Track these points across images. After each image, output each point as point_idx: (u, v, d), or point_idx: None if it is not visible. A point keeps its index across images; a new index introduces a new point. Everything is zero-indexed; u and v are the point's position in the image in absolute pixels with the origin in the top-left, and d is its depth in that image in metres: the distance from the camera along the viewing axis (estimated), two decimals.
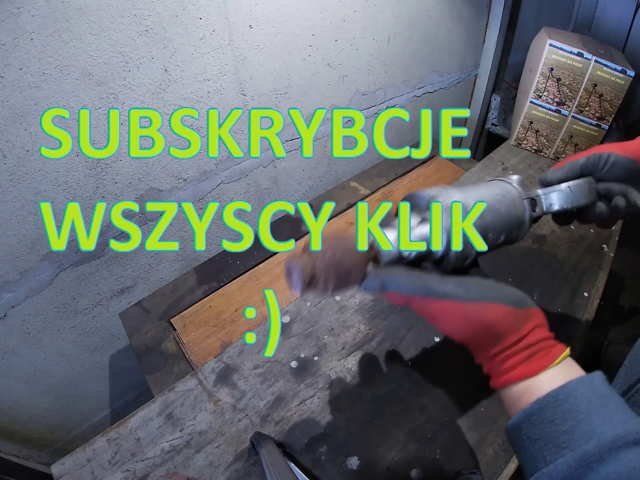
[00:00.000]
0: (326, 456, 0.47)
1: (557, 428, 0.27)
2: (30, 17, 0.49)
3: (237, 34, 0.68)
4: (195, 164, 0.77)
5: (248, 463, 0.47)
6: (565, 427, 0.27)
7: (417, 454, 0.48)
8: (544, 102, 0.95)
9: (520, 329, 0.31)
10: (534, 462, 0.28)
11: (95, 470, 0.46)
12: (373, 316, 0.61)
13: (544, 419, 0.28)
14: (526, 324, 0.31)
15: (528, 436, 0.29)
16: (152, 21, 0.59)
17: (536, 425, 0.28)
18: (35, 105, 0.55)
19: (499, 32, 1.15)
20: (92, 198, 0.67)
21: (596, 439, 0.25)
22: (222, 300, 0.74)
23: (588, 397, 0.28)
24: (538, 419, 0.28)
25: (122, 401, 0.99)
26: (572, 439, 0.26)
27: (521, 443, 0.30)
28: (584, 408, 0.27)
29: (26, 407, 0.79)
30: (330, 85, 0.89)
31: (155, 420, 0.50)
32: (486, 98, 1.30)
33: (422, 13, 0.96)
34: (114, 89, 0.60)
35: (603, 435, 0.25)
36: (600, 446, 0.25)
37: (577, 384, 0.29)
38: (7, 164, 0.56)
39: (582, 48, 0.88)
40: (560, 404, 0.28)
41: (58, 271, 0.69)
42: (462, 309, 0.31)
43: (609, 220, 0.45)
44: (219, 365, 0.56)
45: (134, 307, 0.74)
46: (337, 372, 0.55)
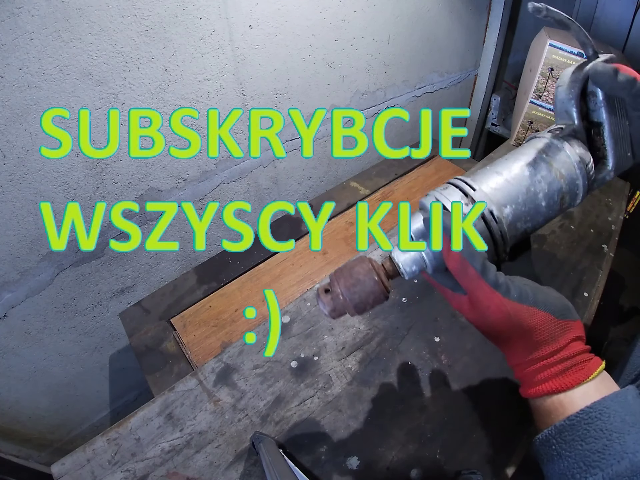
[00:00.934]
0: (326, 456, 0.47)
1: (589, 446, 0.27)
2: (30, 17, 0.49)
3: (237, 34, 0.68)
4: (195, 164, 0.77)
5: (248, 463, 0.47)
6: (597, 446, 0.27)
7: (417, 454, 0.47)
8: (544, 102, 0.95)
9: (558, 340, 0.30)
10: (563, 479, 0.28)
11: (95, 470, 0.46)
12: (373, 316, 0.61)
13: (575, 436, 0.28)
14: (564, 336, 0.31)
15: (558, 452, 0.29)
16: (152, 21, 0.59)
17: (567, 442, 0.28)
18: (35, 105, 0.55)
19: (499, 32, 1.15)
20: (92, 198, 0.67)
21: (628, 460, 0.25)
22: (222, 300, 0.74)
23: (621, 416, 0.27)
24: (570, 436, 0.28)
25: (122, 401, 0.99)
26: (603, 459, 0.26)
27: (549, 457, 0.29)
28: (617, 427, 0.27)
29: (26, 407, 0.79)
30: (330, 85, 0.89)
31: (155, 420, 0.50)
32: (486, 98, 1.30)
33: (422, 13, 0.96)
34: (114, 89, 0.60)
35: (636, 456, 0.25)
36: (632, 467, 0.25)
37: (611, 402, 0.28)
38: (7, 164, 0.56)
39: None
40: (594, 421, 0.27)
41: (58, 271, 0.69)
42: (508, 306, 0.30)
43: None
44: (219, 365, 0.56)
45: (134, 307, 0.74)
46: (337, 372, 0.55)
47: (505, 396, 0.52)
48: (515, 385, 0.53)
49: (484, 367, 0.54)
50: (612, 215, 0.80)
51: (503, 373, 0.54)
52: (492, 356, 0.55)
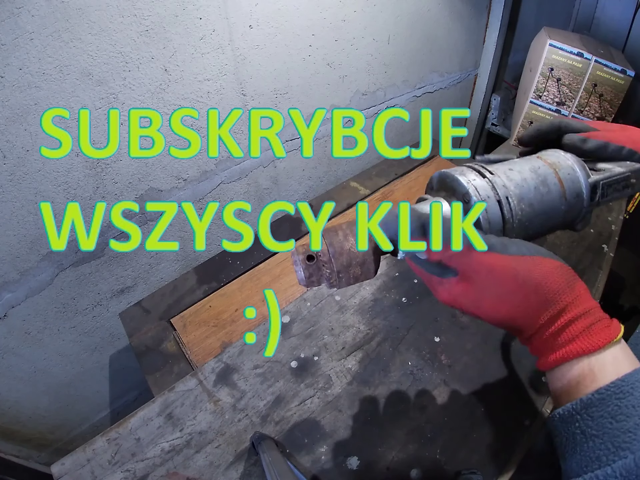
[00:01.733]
0: (326, 456, 0.47)
1: (620, 425, 0.23)
2: (30, 17, 0.49)
3: (237, 34, 0.68)
4: (195, 164, 0.77)
5: (248, 463, 0.47)
6: (628, 425, 0.23)
7: (417, 454, 0.48)
8: (544, 102, 0.95)
9: (574, 287, 0.27)
10: (585, 462, 0.24)
11: (95, 470, 0.46)
12: (373, 316, 0.61)
13: (605, 412, 0.24)
14: (578, 283, 0.27)
15: (582, 430, 0.25)
16: (152, 21, 0.59)
17: (595, 419, 0.24)
18: (35, 105, 0.55)
19: (499, 32, 1.15)
20: (92, 198, 0.67)
21: None
22: (222, 300, 0.74)
23: None
24: (598, 412, 0.24)
25: (122, 401, 0.99)
26: (635, 440, 0.23)
27: (571, 437, 0.26)
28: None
29: (26, 407, 0.79)
30: (330, 85, 0.89)
31: (155, 420, 0.50)
32: (486, 98, 1.30)
33: (422, 13, 0.96)
34: (114, 89, 0.60)
35: None
36: None
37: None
38: (7, 164, 0.56)
39: (582, 48, 0.88)
40: (625, 396, 0.24)
41: (58, 271, 0.69)
42: (512, 262, 0.27)
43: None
44: (219, 365, 0.56)
45: (134, 307, 0.74)
46: (337, 372, 0.55)
47: (505, 396, 0.52)
48: (515, 385, 0.53)
49: (484, 367, 0.54)
50: (612, 215, 0.80)
51: (503, 373, 0.54)
52: (492, 356, 0.55)
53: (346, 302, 0.63)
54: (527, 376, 0.53)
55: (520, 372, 0.54)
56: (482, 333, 0.58)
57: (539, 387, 0.52)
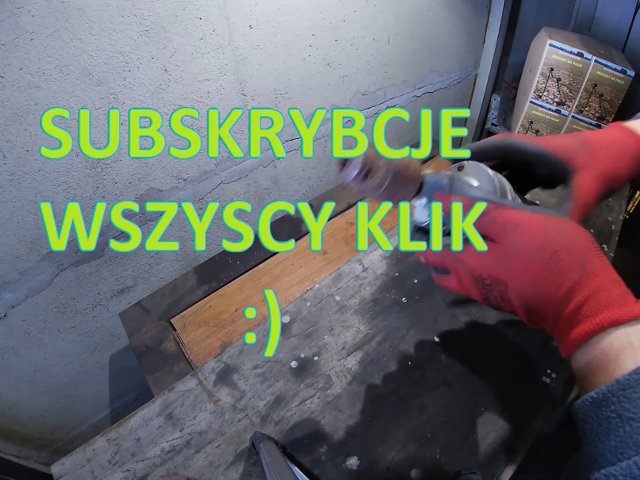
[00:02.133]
0: (326, 456, 0.47)
1: None
2: (30, 17, 0.49)
3: (237, 34, 0.68)
4: (195, 164, 0.77)
5: (248, 463, 0.47)
6: None
7: (417, 454, 0.47)
8: (544, 102, 0.95)
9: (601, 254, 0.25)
10: (622, 448, 0.22)
11: (95, 470, 0.46)
12: (373, 316, 0.61)
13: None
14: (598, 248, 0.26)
15: (619, 414, 0.22)
16: (152, 21, 0.59)
17: (633, 401, 0.22)
18: (35, 105, 0.55)
19: (499, 32, 1.15)
20: (92, 198, 0.67)
21: None
22: (222, 300, 0.74)
23: None
24: (636, 393, 0.22)
25: (122, 401, 0.99)
26: None
27: (605, 421, 0.23)
28: None
29: (26, 407, 0.79)
30: (330, 85, 0.89)
31: (155, 420, 0.50)
32: (486, 98, 1.30)
33: (422, 13, 0.96)
34: (114, 89, 0.60)
35: None
36: None
37: None
38: (7, 164, 0.56)
39: (582, 48, 0.88)
40: None
41: (58, 271, 0.69)
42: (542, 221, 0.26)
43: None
44: (219, 365, 0.56)
45: (134, 307, 0.74)
46: (337, 372, 0.55)
47: (505, 396, 0.52)
48: (515, 385, 0.53)
49: (484, 368, 0.54)
50: (612, 215, 0.80)
51: (503, 373, 0.54)
52: (492, 356, 0.55)
53: (346, 302, 0.63)
54: (528, 376, 0.53)
55: (521, 372, 0.54)
56: (483, 333, 0.58)
57: (539, 388, 0.52)
